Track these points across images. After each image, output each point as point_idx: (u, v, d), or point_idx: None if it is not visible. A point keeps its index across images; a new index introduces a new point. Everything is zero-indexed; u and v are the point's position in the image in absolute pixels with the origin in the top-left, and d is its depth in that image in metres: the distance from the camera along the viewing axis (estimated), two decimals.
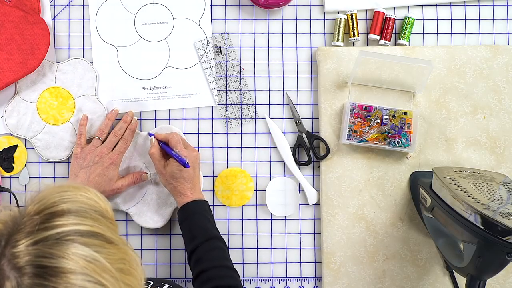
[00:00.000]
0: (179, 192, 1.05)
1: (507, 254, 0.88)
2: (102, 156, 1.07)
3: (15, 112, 1.15)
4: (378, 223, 1.15)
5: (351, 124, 1.12)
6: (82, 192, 0.72)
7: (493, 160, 1.15)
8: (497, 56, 1.16)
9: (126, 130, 1.11)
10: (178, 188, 1.05)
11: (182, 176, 1.05)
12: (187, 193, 1.05)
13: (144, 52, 1.17)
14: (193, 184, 1.06)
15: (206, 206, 1.06)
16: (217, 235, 1.04)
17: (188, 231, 1.04)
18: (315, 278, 1.17)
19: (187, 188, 1.05)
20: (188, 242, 1.03)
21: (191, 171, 1.05)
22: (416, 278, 1.14)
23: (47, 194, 0.71)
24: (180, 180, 1.05)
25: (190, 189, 1.05)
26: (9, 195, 1.15)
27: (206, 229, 1.03)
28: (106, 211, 0.73)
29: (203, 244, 1.01)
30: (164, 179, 1.07)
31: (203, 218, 1.04)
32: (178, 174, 1.05)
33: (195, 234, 1.02)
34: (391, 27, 1.16)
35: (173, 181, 1.05)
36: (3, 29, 1.11)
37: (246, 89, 1.18)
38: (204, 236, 1.02)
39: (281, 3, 1.15)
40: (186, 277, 1.16)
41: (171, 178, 1.05)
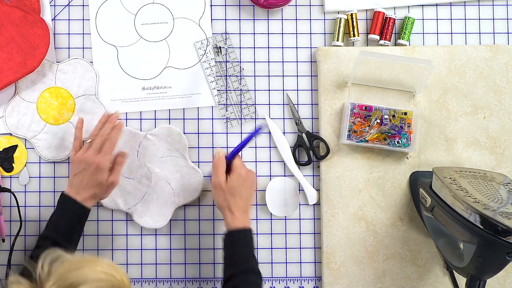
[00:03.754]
0: (232, 212, 1.03)
1: (507, 254, 0.88)
2: (88, 162, 1.05)
3: (15, 112, 1.15)
4: (378, 223, 1.15)
5: (351, 124, 1.12)
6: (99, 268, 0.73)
7: (493, 160, 1.15)
8: (497, 56, 1.16)
9: (113, 131, 1.08)
10: (232, 208, 1.03)
11: (241, 192, 1.04)
12: (239, 216, 1.03)
13: (144, 52, 1.17)
14: (246, 206, 1.05)
15: (251, 236, 1.04)
16: (257, 269, 1.02)
17: (230, 257, 1.02)
18: (315, 278, 1.17)
19: (241, 211, 1.04)
20: (228, 267, 1.02)
21: (248, 188, 1.05)
22: (416, 278, 1.14)
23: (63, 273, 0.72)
24: (237, 198, 1.04)
25: (242, 212, 1.04)
26: (9, 195, 1.15)
27: (248, 261, 1.02)
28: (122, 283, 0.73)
29: (241, 275, 1.00)
30: (220, 195, 1.05)
31: (248, 249, 1.03)
32: (238, 189, 1.04)
33: (236, 262, 1.01)
34: (391, 27, 1.16)
35: (230, 198, 1.03)
36: (3, 29, 1.11)
37: (246, 89, 1.18)
38: (244, 267, 1.01)
39: (281, 3, 1.15)
40: (186, 277, 1.16)
41: (229, 194, 1.04)
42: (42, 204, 1.16)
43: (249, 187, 1.06)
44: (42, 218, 1.16)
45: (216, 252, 1.16)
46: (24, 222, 1.15)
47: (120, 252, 1.16)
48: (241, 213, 1.04)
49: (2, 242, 1.15)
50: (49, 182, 1.16)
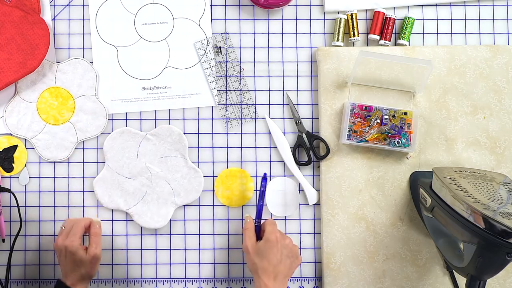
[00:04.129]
0: (259, 276, 1.01)
1: (507, 254, 0.88)
2: (59, 247, 1.05)
3: (15, 112, 1.15)
4: (378, 223, 1.15)
5: (351, 124, 1.12)
6: None
7: (493, 160, 1.15)
8: (497, 56, 1.16)
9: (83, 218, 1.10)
10: (258, 270, 1.01)
11: (268, 256, 1.01)
12: (267, 282, 1.00)
13: (144, 52, 1.17)
14: (277, 272, 1.02)
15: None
16: None
17: None
18: (315, 278, 1.17)
19: (269, 275, 1.01)
20: None
21: (277, 253, 1.02)
22: (416, 278, 1.14)
23: None
24: (265, 262, 1.01)
25: (273, 278, 1.01)
26: (9, 195, 1.15)
27: None
28: None
29: None
30: (249, 258, 1.03)
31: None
32: (264, 254, 1.02)
33: None
34: (391, 27, 1.16)
35: (257, 260, 1.02)
36: (3, 29, 1.11)
37: (246, 89, 1.18)
38: None
39: (281, 3, 1.15)
40: (186, 277, 1.16)
41: (255, 257, 1.02)
42: (42, 204, 1.16)
43: (279, 252, 1.02)
44: (42, 218, 1.16)
45: (216, 252, 1.16)
46: (24, 222, 1.15)
47: (120, 252, 1.16)
48: (270, 279, 1.01)
49: (2, 242, 1.15)
50: (49, 182, 1.16)
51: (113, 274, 1.16)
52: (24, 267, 1.16)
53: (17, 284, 1.15)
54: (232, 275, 1.16)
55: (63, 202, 1.16)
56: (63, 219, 1.16)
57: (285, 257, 1.04)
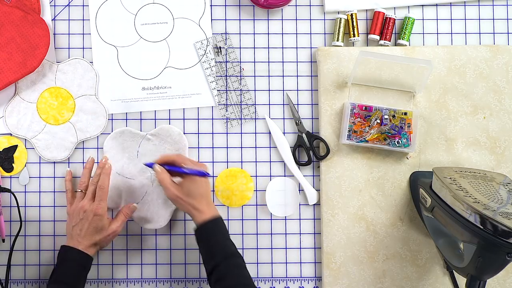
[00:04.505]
0: (198, 210, 1.03)
1: (507, 254, 0.88)
2: (85, 210, 1.06)
3: (15, 112, 1.15)
4: (378, 223, 1.15)
5: (351, 124, 1.12)
6: None
7: (493, 160, 1.15)
8: (497, 56, 1.16)
9: (100, 176, 1.09)
10: (197, 206, 1.03)
11: (199, 192, 1.04)
12: (205, 210, 1.03)
13: (144, 52, 1.17)
14: (208, 200, 1.05)
15: (222, 222, 1.05)
16: (235, 252, 1.02)
17: (207, 250, 1.02)
18: (315, 278, 1.17)
19: (205, 205, 1.04)
20: (207, 261, 1.02)
21: (205, 186, 1.05)
22: (416, 278, 1.14)
23: None
24: (198, 198, 1.03)
25: (207, 205, 1.04)
26: (9, 195, 1.15)
27: (225, 247, 1.02)
28: None
29: (222, 262, 0.99)
30: (181, 202, 1.04)
31: (221, 236, 1.03)
32: (195, 192, 1.03)
33: (214, 253, 1.01)
34: (391, 27, 1.16)
35: (191, 201, 1.03)
36: (3, 29, 1.11)
37: (246, 89, 1.18)
38: (223, 255, 1.01)
39: (281, 3, 1.15)
40: (186, 277, 1.16)
41: (189, 198, 1.03)
42: (42, 204, 1.16)
43: (204, 183, 1.05)
44: (42, 218, 1.16)
45: None
46: (24, 222, 1.15)
47: (120, 252, 1.16)
48: (206, 207, 1.04)
49: (2, 242, 1.15)
50: (49, 182, 1.16)
51: (113, 274, 1.16)
52: (24, 267, 1.16)
53: (17, 284, 1.15)
54: None
55: (63, 202, 1.16)
56: (63, 219, 1.16)
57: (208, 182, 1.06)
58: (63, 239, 1.15)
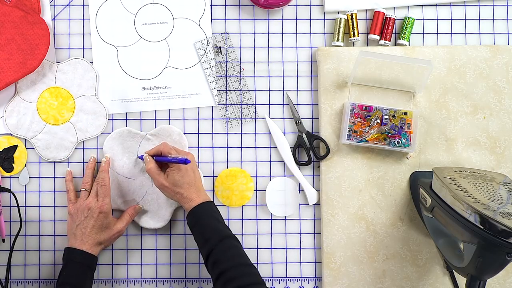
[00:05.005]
0: (187, 198, 1.05)
1: (507, 254, 0.88)
2: (90, 208, 1.07)
3: (15, 112, 1.15)
4: (378, 223, 1.15)
5: (351, 124, 1.12)
6: None
7: (493, 160, 1.15)
8: (497, 56, 1.16)
9: (100, 174, 1.10)
10: (185, 195, 1.05)
11: (185, 181, 1.05)
12: (194, 197, 1.05)
13: (144, 52, 1.17)
14: (197, 187, 1.06)
15: (214, 207, 1.06)
16: (230, 233, 1.03)
17: (200, 235, 1.03)
18: (315, 278, 1.17)
19: (193, 192, 1.05)
20: (202, 246, 1.02)
21: (191, 174, 1.06)
22: (416, 278, 1.14)
23: None
24: (185, 186, 1.05)
25: (196, 193, 1.05)
26: (9, 195, 1.15)
27: (218, 230, 1.02)
28: None
29: (217, 245, 1.00)
30: (168, 191, 1.06)
31: (213, 219, 1.03)
32: (181, 181, 1.05)
33: (208, 237, 1.01)
34: (391, 27, 1.16)
35: (178, 189, 1.05)
36: (3, 29, 1.11)
37: (246, 89, 1.18)
38: (217, 237, 1.01)
39: (281, 3, 1.15)
40: (186, 277, 1.16)
41: (175, 187, 1.05)
42: (42, 204, 1.16)
43: (190, 171, 1.06)
44: (42, 218, 1.16)
45: None
46: (24, 222, 1.15)
47: (120, 252, 1.16)
48: (195, 194, 1.05)
49: (2, 242, 1.15)
50: (49, 182, 1.16)
51: (113, 274, 1.16)
52: (24, 267, 1.16)
53: (17, 284, 1.15)
54: None
55: (63, 202, 1.16)
56: (63, 219, 1.16)
57: (196, 170, 1.08)
58: (63, 239, 1.15)
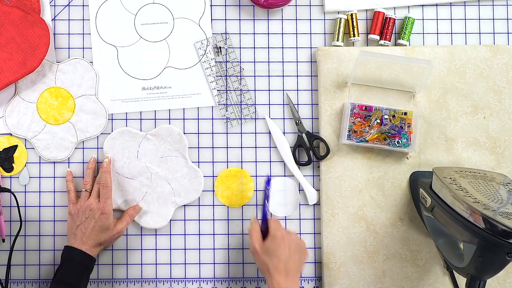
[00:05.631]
0: (270, 274, 1.00)
1: (507, 254, 0.88)
2: (92, 209, 1.07)
3: (15, 112, 1.15)
4: (378, 223, 1.15)
5: (351, 124, 1.12)
6: None
7: (493, 160, 1.15)
8: (497, 56, 1.16)
9: (102, 175, 1.10)
10: (270, 268, 1.00)
11: (277, 254, 1.01)
12: (279, 279, 0.99)
13: (144, 52, 1.17)
14: (288, 269, 1.01)
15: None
16: None
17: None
18: (315, 278, 1.17)
19: (280, 272, 1.00)
20: None
21: (286, 252, 1.01)
22: (416, 278, 1.14)
23: None
24: (274, 260, 1.01)
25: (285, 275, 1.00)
26: (9, 195, 1.15)
27: None
28: None
29: None
30: (258, 259, 1.03)
31: None
32: (273, 252, 1.01)
33: None
34: (391, 27, 1.16)
35: (266, 259, 1.01)
36: (3, 29, 1.11)
37: (246, 89, 1.18)
38: None
39: (281, 3, 1.15)
40: (186, 277, 1.16)
41: (264, 256, 1.02)
42: (42, 204, 1.16)
43: (287, 247, 1.02)
44: (42, 218, 1.16)
45: (216, 252, 1.16)
46: (24, 222, 1.15)
47: (120, 252, 1.16)
48: (282, 276, 1.00)
49: (2, 242, 1.15)
50: (49, 182, 1.16)
51: (113, 274, 1.16)
52: (24, 267, 1.16)
53: (17, 284, 1.15)
54: (232, 275, 1.16)
55: (63, 202, 1.16)
56: (63, 219, 1.16)
57: (293, 252, 1.03)
58: (63, 239, 1.15)
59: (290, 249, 1.02)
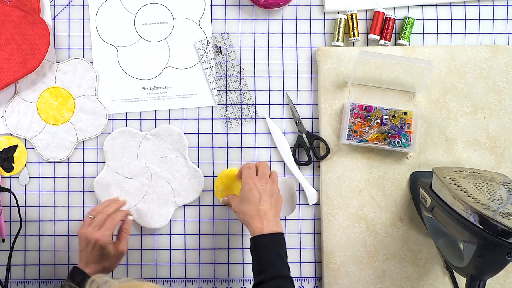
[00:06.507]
0: (248, 222, 1.02)
1: (507, 254, 0.88)
2: (88, 237, 1.03)
3: (15, 112, 1.15)
4: (378, 223, 1.15)
5: (351, 124, 1.12)
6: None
7: (493, 160, 1.15)
8: (497, 56, 1.16)
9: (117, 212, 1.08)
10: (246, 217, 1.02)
11: (248, 200, 1.03)
12: (257, 224, 1.01)
13: (144, 52, 1.17)
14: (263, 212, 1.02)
15: (280, 240, 1.01)
16: (286, 274, 1.00)
17: (256, 262, 1.01)
18: (315, 278, 1.17)
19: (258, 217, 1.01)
20: (256, 273, 1.00)
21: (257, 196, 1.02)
22: (416, 278, 1.14)
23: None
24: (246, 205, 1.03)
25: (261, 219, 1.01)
26: (9, 195, 1.15)
27: (275, 267, 0.99)
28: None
29: (269, 281, 0.98)
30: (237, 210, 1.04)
31: (273, 253, 1.00)
32: (244, 199, 1.03)
33: (264, 269, 0.99)
34: (391, 27, 1.16)
35: (242, 208, 1.03)
36: (3, 29, 1.11)
37: (246, 89, 1.18)
38: (271, 273, 0.98)
39: (281, 3, 1.15)
40: (186, 277, 1.16)
41: (240, 205, 1.03)
42: (42, 204, 1.16)
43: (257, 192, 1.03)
44: (42, 218, 1.16)
45: (216, 252, 1.16)
46: (24, 222, 1.15)
47: None
48: (260, 221, 1.01)
49: (2, 242, 1.15)
50: (49, 182, 1.16)
51: (113, 274, 1.16)
52: (24, 267, 1.16)
53: (17, 284, 1.15)
54: (232, 275, 1.16)
55: (63, 202, 1.16)
56: (63, 219, 1.16)
57: (266, 195, 1.03)
58: (63, 239, 1.15)
59: (261, 193, 1.03)
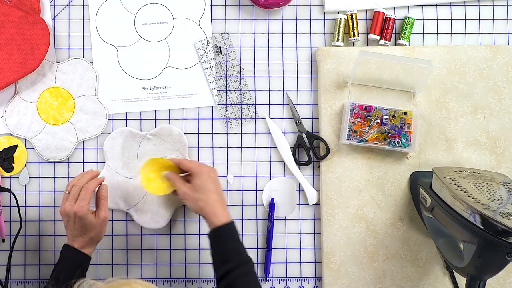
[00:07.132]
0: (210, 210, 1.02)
1: (507, 254, 0.88)
2: (67, 212, 1.04)
3: (15, 112, 1.15)
4: (378, 223, 1.15)
5: (351, 124, 1.12)
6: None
7: (493, 160, 1.15)
8: (497, 56, 1.16)
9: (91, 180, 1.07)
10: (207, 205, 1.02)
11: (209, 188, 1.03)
12: (218, 212, 1.01)
13: (144, 52, 1.17)
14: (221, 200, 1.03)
15: (235, 227, 1.02)
16: (249, 258, 1.01)
17: (220, 254, 1.01)
18: (315, 278, 1.17)
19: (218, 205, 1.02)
20: (220, 264, 1.00)
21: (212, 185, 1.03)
22: (416, 278, 1.14)
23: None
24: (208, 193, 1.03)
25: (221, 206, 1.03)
26: (9, 195, 1.15)
27: (240, 253, 1.01)
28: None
29: (237, 268, 0.98)
30: (192, 200, 1.03)
31: (237, 241, 1.01)
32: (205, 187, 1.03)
33: (230, 258, 1.00)
34: (391, 27, 1.16)
35: (200, 196, 1.02)
36: (3, 29, 1.11)
37: (246, 89, 1.18)
38: (238, 260, 0.99)
39: (281, 3, 1.15)
40: (186, 277, 1.16)
41: (197, 193, 1.03)
42: (42, 204, 1.16)
43: (211, 180, 1.04)
44: (42, 218, 1.16)
45: None
46: (24, 222, 1.15)
47: (120, 252, 1.16)
48: (223, 208, 1.03)
49: (2, 242, 1.15)
50: (49, 182, 1.16)
51: (113, 274, 1.16)
52: (24, 267, 1.16)
53: (17, 284, 1.15)
54: None
55: None
56: None
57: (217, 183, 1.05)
58: (63, 239, 1.15)
59: (214, 181, 1.04)
